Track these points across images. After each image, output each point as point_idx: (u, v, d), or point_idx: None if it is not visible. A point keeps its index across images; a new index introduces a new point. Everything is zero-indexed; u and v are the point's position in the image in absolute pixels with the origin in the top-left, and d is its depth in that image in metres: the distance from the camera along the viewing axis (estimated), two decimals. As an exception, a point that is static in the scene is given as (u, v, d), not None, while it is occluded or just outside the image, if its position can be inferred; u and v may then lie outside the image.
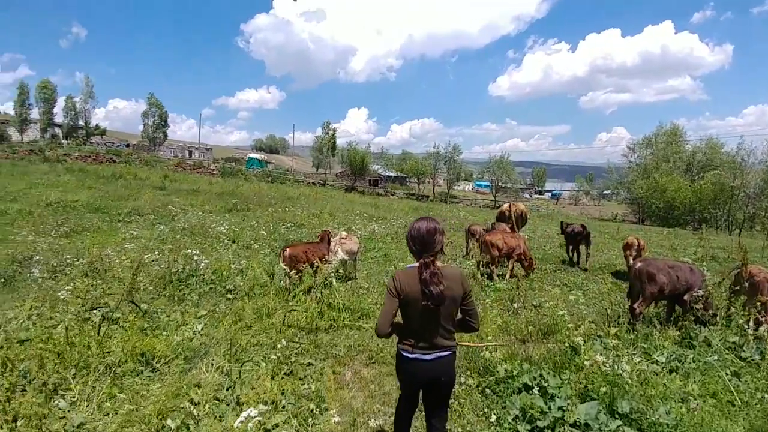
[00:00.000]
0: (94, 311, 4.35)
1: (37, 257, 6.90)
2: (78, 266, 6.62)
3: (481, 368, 4.17)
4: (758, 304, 5.07)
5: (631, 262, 8.18)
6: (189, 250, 7.48)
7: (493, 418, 3.44)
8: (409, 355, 2.40)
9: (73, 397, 3.32)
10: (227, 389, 3.62)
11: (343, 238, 7.92)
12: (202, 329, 4.93)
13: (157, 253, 7.26)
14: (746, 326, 4.89)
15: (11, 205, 11.21)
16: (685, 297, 5.41)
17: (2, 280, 5.99)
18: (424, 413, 2.65)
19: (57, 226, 9.33)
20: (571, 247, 10.76)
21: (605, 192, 69.39)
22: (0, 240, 8.04)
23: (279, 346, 4.47)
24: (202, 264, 6.84)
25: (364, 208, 21.48)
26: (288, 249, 6.91)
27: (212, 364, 4.05)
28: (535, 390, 3.65)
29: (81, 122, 48.88)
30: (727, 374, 4.08)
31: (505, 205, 13.11)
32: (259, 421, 2.98)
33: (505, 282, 8.28)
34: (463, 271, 2.91)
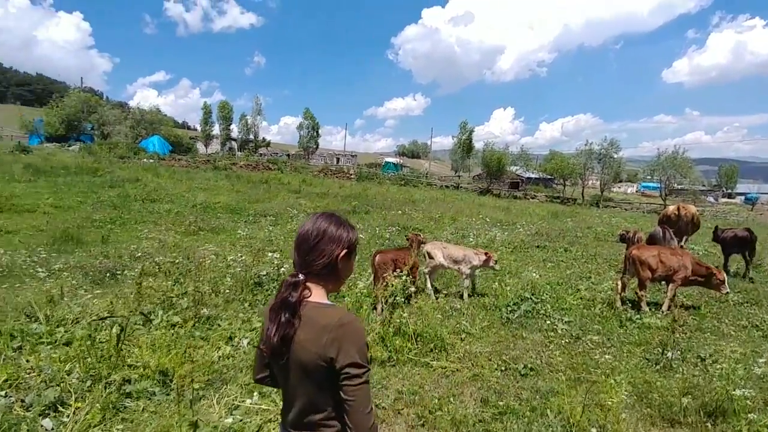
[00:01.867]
0: (113, 319, 4.08)
1: (147, 254, 7.50)
2: (177, 264, 6.93)
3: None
4: None
5: None
6: (270, 254, 7.28)
7: None
8: None
9: (67, 416, 2.99)
10: (221, 436, 2.90)
11: (439, 243, 6.80)
12: (247, 345, 4.40)
13: (241, 255, 7.20)
14: None
15: (165, 206, 13.10)
16: None
17: (109, 274, 6.54)
18: None
19: (188, 225, 10.37)
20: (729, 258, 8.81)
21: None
22: (131, 237, 9.19)
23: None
24: (282, 269, 6.48)
25: (492, 212, 19.61)
26: (378, 255, 6.18)
27: (226, 395, 3.41)
28: None
29: (251, 136, 57.39)
30: None
31: (671, 207, 10.14)
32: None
33: (660, 317, 5.98)
34: (356, 321, 1.34)
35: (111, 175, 18.76)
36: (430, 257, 6.73)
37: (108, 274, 6.60)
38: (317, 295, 1.38)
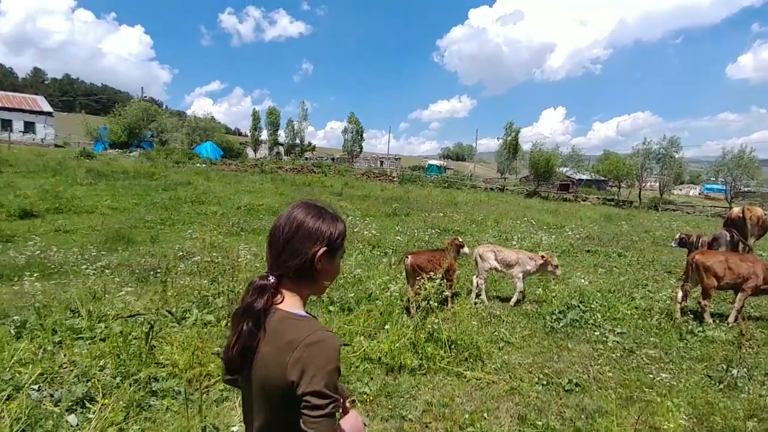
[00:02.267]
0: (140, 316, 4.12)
1: (190, 253, 7.72)
2: (216, 264, 7.06)
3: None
4: None
5: None
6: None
7: None
8: None
9: (93, 413, 3.02)
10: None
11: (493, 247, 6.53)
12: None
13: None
14: None
15: (212, 208, 13.58)
16: None
17: (153, 273, 6.77)
18: None
19: (231, 226, 10.65)
20: None
21: None
22: (178, 237, 9.54)
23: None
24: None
25: (539, 214, 18.77)
26: (411, 256, 5.98)
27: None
28: None
29: (297, 140, 58.98)
30: None
31: (736, 209, 9.21)
32: None
33: (725, 329, 5.32)
34: (329, 341, 1.11)
35: (165, 179, 19.81)
36: (482, 260, 6.40)
37: (152, 273, 6.84)
38: (290, 302, 1.19)
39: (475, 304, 6.09)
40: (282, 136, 56.77)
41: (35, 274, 5.78)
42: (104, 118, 46.22)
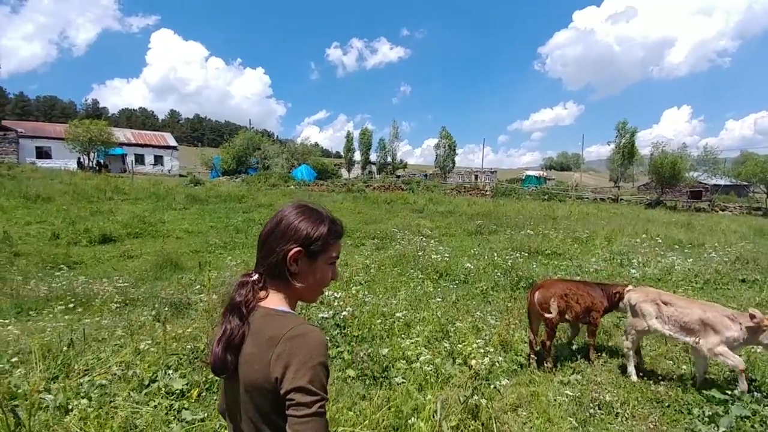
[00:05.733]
0: None
1: (225, 283, 6.82)
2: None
3: None
4: None
5: None
6: (355, 288, 5.84)
7: None
8: None
9: None
10: None
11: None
12: None
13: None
14: None
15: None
16: None
17: (175, 306, 5.92)
18: None
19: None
20: None
21: None
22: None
23: None
24: (344, 312, 4.93)
25: (666, 229, 15.03)
26: (539, 290, 4.29)
27: None
28: None
29: (389, 159, 59.24)
30: None
31: None
32: None
33: None
34: (313, 333, 1.00)
35: (254, 201, 20.35)
36: (636, 314, 4.12)
37: (174, 307, 6.03)
38: (274, 300, 1.17)
39: (555, 365, 4.01)
40: (374, 155, 57.65)
41: (54, 309, 5.29)
42: (218, 149, 51.55)
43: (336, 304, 5.10)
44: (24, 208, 15.71)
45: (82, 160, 35.49)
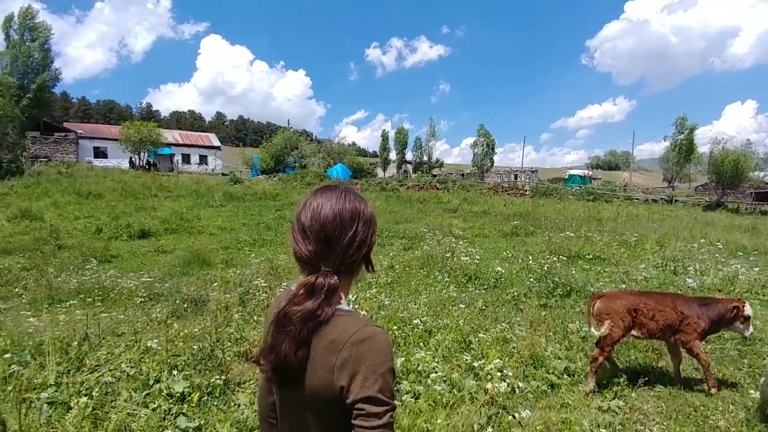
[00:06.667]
0: None
1: (247, 280, 6.73)
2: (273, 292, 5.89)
3: None
4: None
5: None
6: (374, 289, 5.55)
7: None
8: None
9: None
10: None
11: None
12: None
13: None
14: None
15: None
16: None
17: (194, 303, 5.86)
18: None
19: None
20: None
21: None
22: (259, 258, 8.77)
23: None
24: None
25: (727, 234, 13.70)
26: (599, 300, 3.80)
27: None
28: None
29: (425, 158, 58.58)
30: None
31: None
32: None
33: None
34: (380, 336, 0.90)
35: (287, 199, 20.57)
36: None
37: (193, 304, 5.97)
38: (339, 297, 1.05)
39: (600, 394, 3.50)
40: (410, 154, 57.23)
41: (72, 302, 5.35)
42: (258, 149, 52.92)
43: (350, 307, 4.82)
44: (76, 204, 16.63)
45: (133, 159, 37.48)
